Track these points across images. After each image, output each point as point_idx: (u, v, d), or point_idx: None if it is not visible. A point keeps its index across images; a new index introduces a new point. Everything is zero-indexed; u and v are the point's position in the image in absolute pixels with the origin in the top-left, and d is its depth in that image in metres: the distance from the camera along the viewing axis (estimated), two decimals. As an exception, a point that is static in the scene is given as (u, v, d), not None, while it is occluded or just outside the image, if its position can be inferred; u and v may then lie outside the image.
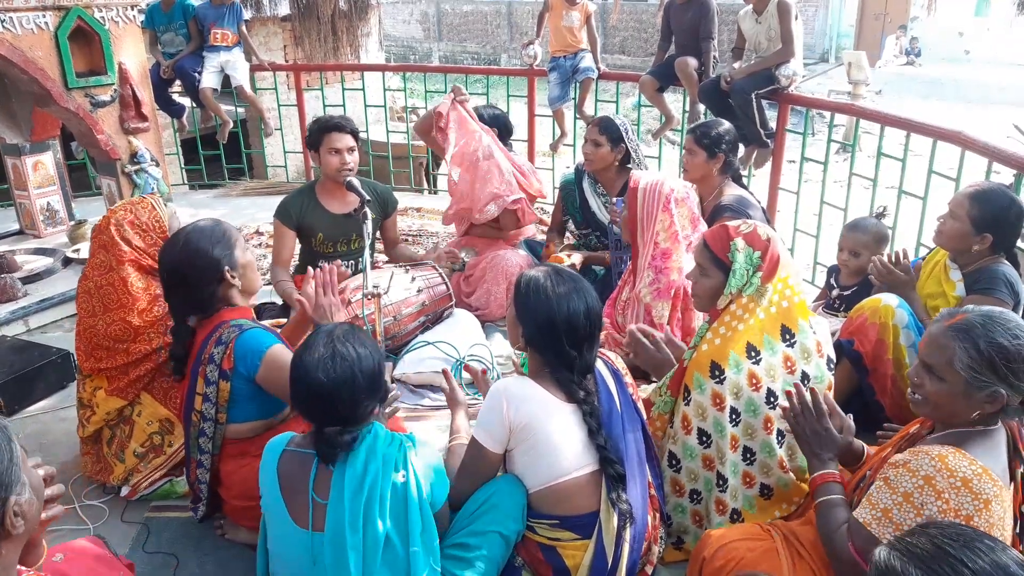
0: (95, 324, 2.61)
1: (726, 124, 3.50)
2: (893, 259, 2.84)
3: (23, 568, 1.28)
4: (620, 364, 2.16)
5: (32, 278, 4.22)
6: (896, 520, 1.67)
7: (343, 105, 6.06)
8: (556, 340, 1.97)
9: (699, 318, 2.95)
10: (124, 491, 2.58)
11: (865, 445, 2.11)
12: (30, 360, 3.19)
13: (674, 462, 2.28)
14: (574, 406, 2.00)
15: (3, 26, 3.66)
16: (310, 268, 2.45)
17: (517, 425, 1.96)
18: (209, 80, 5.80)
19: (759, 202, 3.52)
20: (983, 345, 1.68)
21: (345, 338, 1.84)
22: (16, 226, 5.05)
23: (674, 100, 5.72)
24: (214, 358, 2.20)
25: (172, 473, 2.62)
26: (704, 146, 3.40)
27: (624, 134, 3.76)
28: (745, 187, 3.56)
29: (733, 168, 3.50)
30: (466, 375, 3.30)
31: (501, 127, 4.21)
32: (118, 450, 2.61)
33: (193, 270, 2.23)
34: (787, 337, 2.18)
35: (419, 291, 3.56)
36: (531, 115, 5.81)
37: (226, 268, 2.26)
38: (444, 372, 2.52)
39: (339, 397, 1.77)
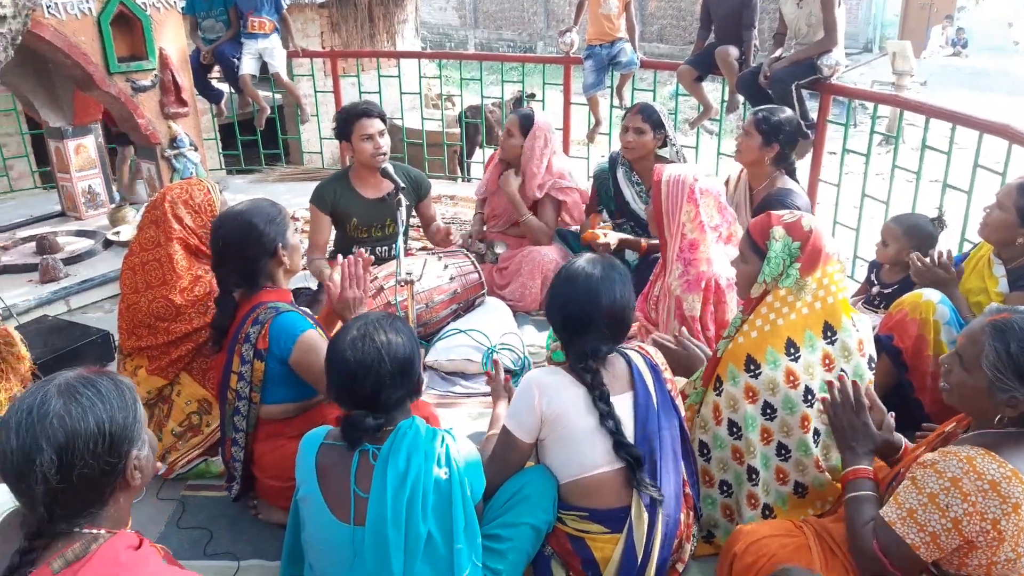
0: (138, 301, 2.67)
1: (788, 112, 3.39)
2: (935, 258, 2.78)
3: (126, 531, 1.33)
4: (659, 359, 2.14)
5: (73, 259, 4.31)
6: (921, 521, 1.66)
7: (379, 92, 6.07)
8: (558, 322, 2.04)
9: (732, 311, 2.91)
10: (161, 469, 2.62)
11: (904, 439, 2.07)
12: (71, 339, 3.25)
13: (705, 451, 2.26)
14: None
15: (49, 11, 3.73)
16: (339, 256, 2.46)
17: (548, 416, 1.96)
18: (248, 66, 5.85)
19: (808, 199, 3.45)
20: (1014, 348, 1.65)
21: (380, 323, 1.84)
22: (58, 208, 5.16)
23: (712, 89, 5.64)
24: (250, 337, 2.23)
25: (208, 453, 2.67)
26: (762, 131, 3.30)
27: (663, 119, 3.73)
28: (797, 182, 3.45)
29: (788, 161, 3.40)
30: (507, 363, 3.31)
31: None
32: (156, 429, 2.66)
33: (248, 242, 2.27)
34: (829, 334, 2.15)
35: (451, 279, 3.57)
36: (567, 103, 5.78)
37: (279, 244, 2.31)
38: (495, 362, 2.52)
39: (364, 379, 1.77)
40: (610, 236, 3.66)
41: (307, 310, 2.42)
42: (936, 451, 1.71)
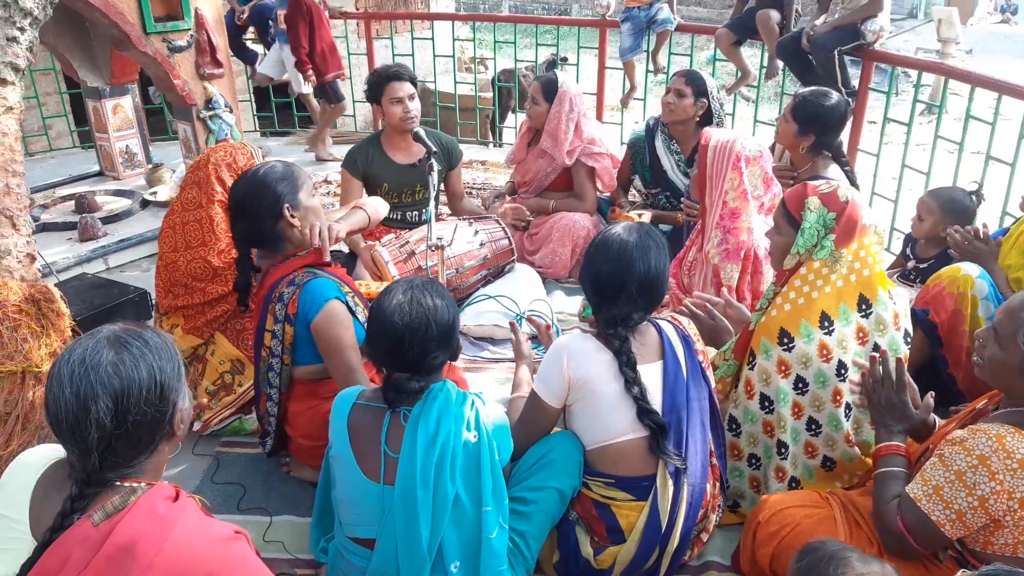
0: (176, 260, 2.71)
1: (832, 101, 3.13)
2: (973, 233, 2.71)
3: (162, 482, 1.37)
4: (691, 330, 2.13)
5: (112, 219, 4.38)
6: (947, 498, 1.65)
7: (412, 55, 6.04)
8: (587, 288, 2.04)
9: (768, 282, 2.88)
10: (196, 426, 2.69)
11: (938, 419, 2.05)
12: (109, 297, 3.31)
13: (734, 426, 2.26)
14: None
15: (86, -30, 3.73)
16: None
17: (576, 381, 1.97)
18: (267, 68, 5.92)
19: (856, 185, 3.28)
20: None
21: (425, 288, 1.86)
22: (96, 168, 5.24)
23: (751, 55, 5.53)
24: (283, 298, 2.25)
25: (241, 411, 2.72)
26: (798, 119, 3.13)
27: (709, 90, 3.65)
28: (846, 165, 3.25)
29: (831, 148, 3.19)
30: (527, 327, 3.33)
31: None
32: (191, 387, 2.71)
33: (254, 201, 2.25)
34: (863, 307, 2.12)
35: (481, 244, 3.57)
36: (601, 67, 5.70)
37: (286, 206, 2.26)
38: (512, 325, 2.53)
39: (411, 343, 1.79)
40: (644, 216, 3.64)
41: (343, 279, 2.40)
42: (966, 428, 1.70)
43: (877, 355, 1.97)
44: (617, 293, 1.97)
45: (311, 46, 5.46)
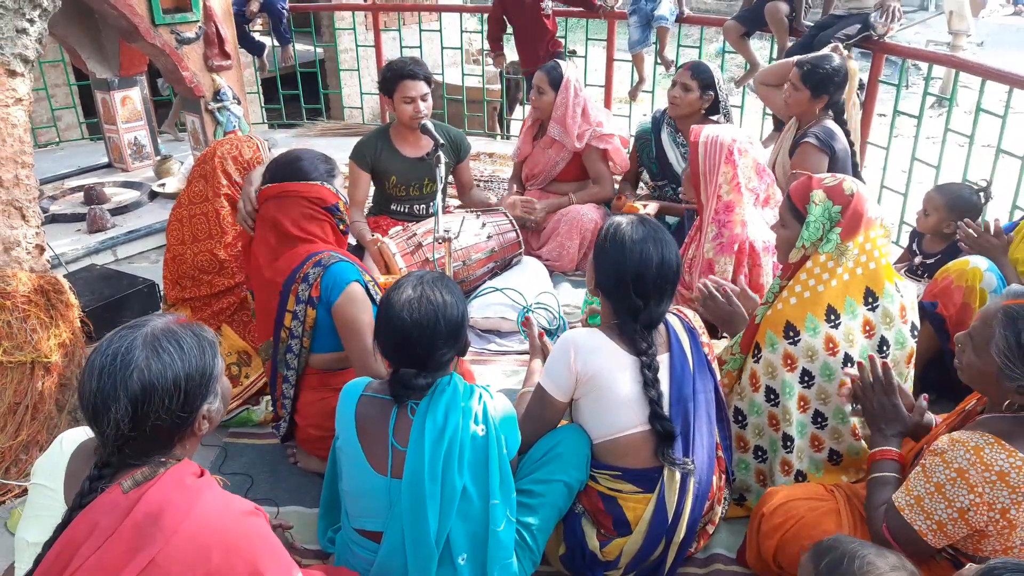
0: (184, 252, 2.73)
1: (836, 61, 3.33)
2: (984, 228, 2.71)
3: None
4: (697, 322, 2.12)
5: (120, 210, 4.40)
6: (927, 509, 1.65)
7: (420, 47, 6.03)
8: (623, 287, 1.95)
9: (767, 275, 2.87)
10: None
11: (935, 417, 2.04)
12: (118, 288, 3.33)
13: (740, 417, 2.26)
14: (639, 359, 1.98)
15: (95, -38, 3.74)
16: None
17: (583, 375, 1.96)
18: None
19: (852, 143, 3.38)
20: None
21: (434, 283, 1.85)
22: (105, 159, 5.26)
23: (760, 47, 5.50)
24: (308, 279, 2.26)
25: (248, 403, 2.74)
26: (810, 85, 3.28)
27: (715, 82, 3.65)
28: (844, 124, 3.41)
29: (837, 105, 3.39)
30: (542, 322, 3.32)
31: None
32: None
33: (291, 176, 2.31)
34: (870, 300, 2.11)
35: (489, 237, 3.57)
36: (609, 60, 5.68)
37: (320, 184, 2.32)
38: (527, 320, 2.53)
39: (419, 339, 1.78)
40: (649, 207, 3.63)
41: (362, 267, 2.41)
42: (949, 436, 1.68)
43: (865, 361, 1.97)
44: (648, 290, 1.94)
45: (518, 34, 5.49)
